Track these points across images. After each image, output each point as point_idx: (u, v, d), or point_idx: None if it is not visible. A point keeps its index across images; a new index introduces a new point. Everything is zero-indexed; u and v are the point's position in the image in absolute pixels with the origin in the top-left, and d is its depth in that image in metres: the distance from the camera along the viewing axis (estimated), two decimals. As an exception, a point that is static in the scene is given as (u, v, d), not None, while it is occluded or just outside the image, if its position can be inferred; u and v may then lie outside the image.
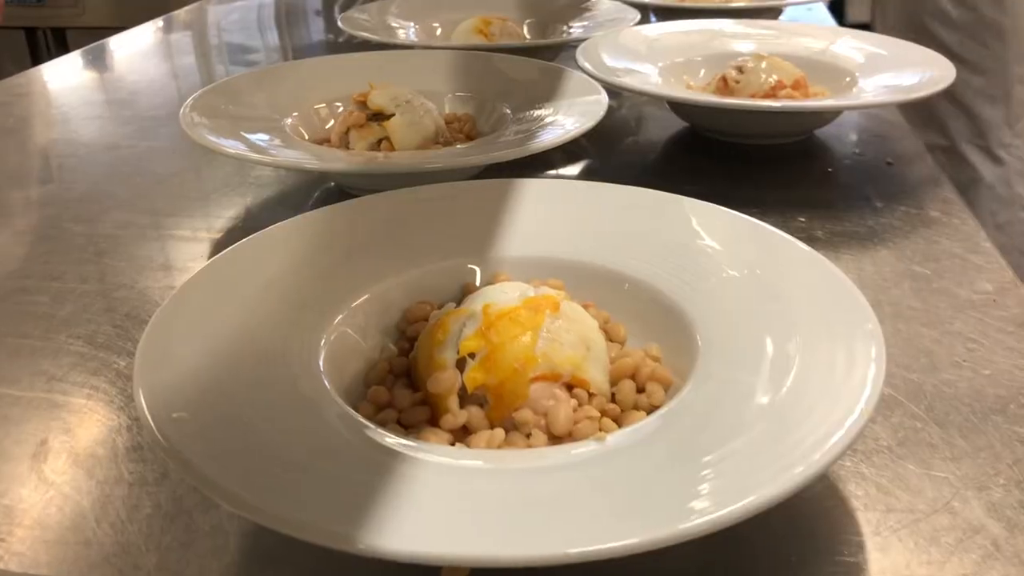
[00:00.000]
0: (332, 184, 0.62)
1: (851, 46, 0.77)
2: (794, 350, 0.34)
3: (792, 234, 0.42)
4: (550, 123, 0.60)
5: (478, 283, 0.42)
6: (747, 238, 0.42)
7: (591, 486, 0.29)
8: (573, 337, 0.35)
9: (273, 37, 1.28)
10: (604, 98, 0.61)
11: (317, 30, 1.32)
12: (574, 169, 0.67)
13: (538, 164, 0.64)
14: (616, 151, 0.72)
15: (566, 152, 0.67)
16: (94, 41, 1.19)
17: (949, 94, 1.13)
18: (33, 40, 2.04)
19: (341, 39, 1.13)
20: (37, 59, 2.03)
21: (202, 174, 0.68)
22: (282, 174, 0.65)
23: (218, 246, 0.56)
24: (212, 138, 0.55)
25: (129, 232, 0.58)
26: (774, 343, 0.34)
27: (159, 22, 1.28)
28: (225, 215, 0.60)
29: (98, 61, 1.09)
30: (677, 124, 0.74)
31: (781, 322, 0.36)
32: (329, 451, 0.30)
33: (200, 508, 0.34)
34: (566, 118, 0.60)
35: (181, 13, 1.36)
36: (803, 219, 0.56)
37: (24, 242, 0.58)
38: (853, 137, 0.72)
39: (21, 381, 0.42)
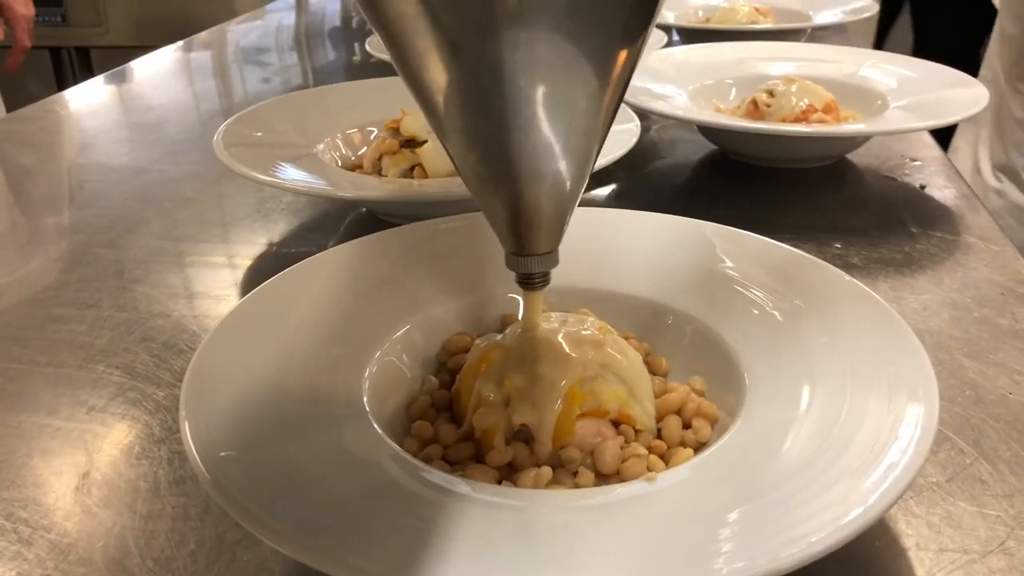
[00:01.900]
0: (363, 210, 0.62)
1: (881, 69, 0.76)
2: (844, 387, 0.33)
3: (828, 261, 0.42)
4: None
5: (520, 314, 0.42)
6: (790, 269, 0.42)
7: (644, 530, 0.28)
8: (618, 372, 0.35)
9: (293, 58, 1.29)
10: (636, 126, 0.61)
11: (337, 50, 1.33)
12: (602, 192, 0.67)
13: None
14: (645, 174, 0.71)
15: (594, 176, 0.67)
16: (117, 60, 1.20)
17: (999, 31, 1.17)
18: (57, 59, 2.07)
19: (358, 59, 1.13)
20: (61, 78, 2.06)
21: (232, 200, 0.68)
22: (313, 200, 0.65)
23: (251, 273, 0.56)
24: (246, 166, 0.55)
25: (161, 259, 0.58)
26: (823, 380, 0.34)
27: (180, 44, 1.29)
28: (257, 241, 0.61)
29: (123, 84, 1.10)
30: (707, 147, 0.74)
31: (829, 358, 0.35)
32: (378, 491, 0.30)
33: (244, 544, 0.34)
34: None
35: (202, 35, 1.37)
36: (839, 246, 0.56)
37: (57, 268, 0.58)
38: (884, 160, 0.71)
39: (61, 411, 0.42)
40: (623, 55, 0.27)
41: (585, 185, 0.31)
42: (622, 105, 0.67)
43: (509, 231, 0.31)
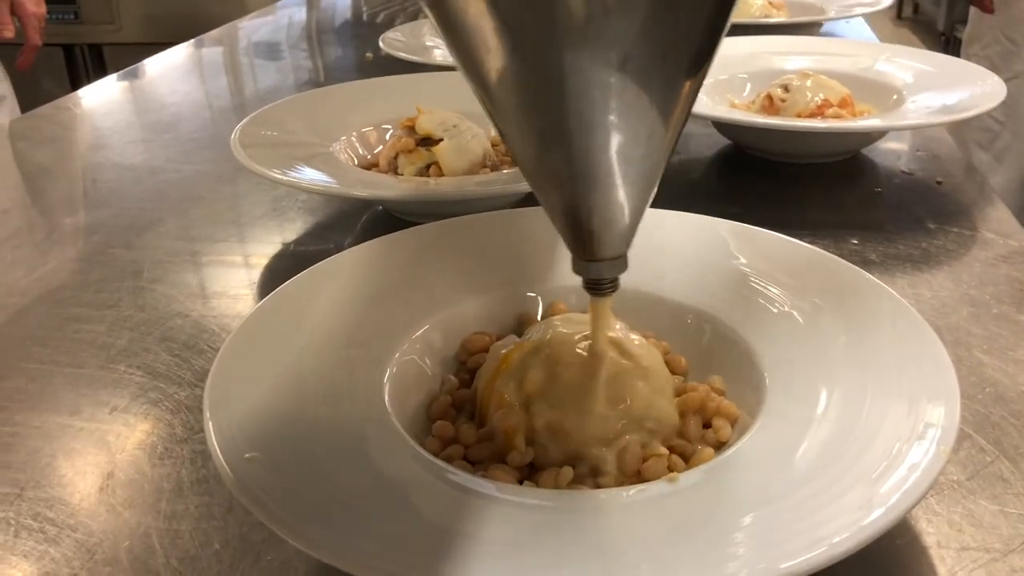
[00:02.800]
0: (380, 208, 0.63)
1: (897, 63, 0.76)
2: (864, 385, 0.33)
3: (845, 258, 0.42)
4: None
5: (539, 312, 0.42)
6: (807, 266, 0.42)
7: (666, 530, 0.28)
8: (639, 371, 0.35)
9: (305, 55, 1.29)
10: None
11: (348, 47, 1.33)
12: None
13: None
14: (660, 170, 0.71)
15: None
16: (130, 57, 1.20)
17: None
18: (71, 56, 2.07)
19: (371, 56, 1.13)
20: (75, 75, 2.06)
21: (248, 199, 0.68)
22: (329, 198, 0.66)
23: (267, 272, 0.56)
24: (263, 166, 0.55)
25: (179, 258, 0.59)
26: (843, 379, 0.34)
27: (192, 41, 1.30)
28: (274, 240, 0.61)
29: (137, 82, 1.11)
30: (721, 142, 0.74)
31: (849, 356, 0.35)
32: (401, 491, 0.30)
33: (268, 543, 0.34)
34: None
35: (214, 32, 1.38)
36: (856, 242, 0.56)
37: (76, 269, 0.59)
38: (900, 155, 0.71)
39: (83, 412, 0.43)
40: (688, 85, 0.27)
41: (656, 187, 0.30)
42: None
43: (576, 235, 0.30)
